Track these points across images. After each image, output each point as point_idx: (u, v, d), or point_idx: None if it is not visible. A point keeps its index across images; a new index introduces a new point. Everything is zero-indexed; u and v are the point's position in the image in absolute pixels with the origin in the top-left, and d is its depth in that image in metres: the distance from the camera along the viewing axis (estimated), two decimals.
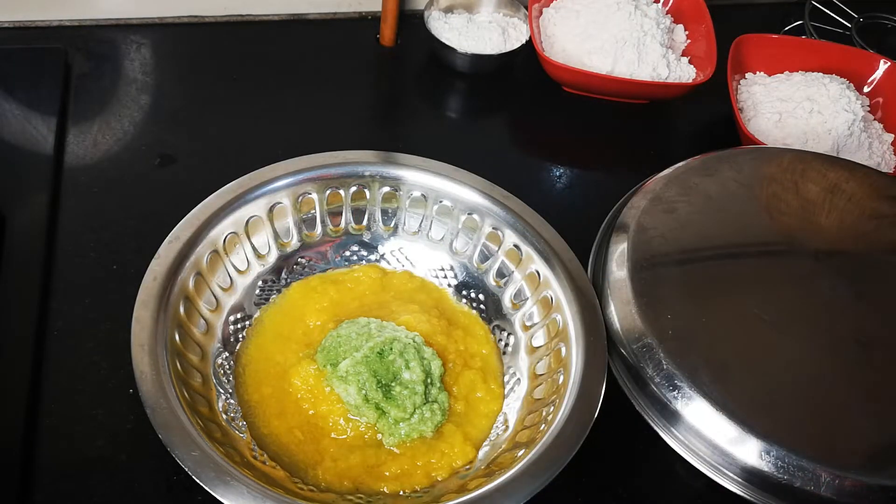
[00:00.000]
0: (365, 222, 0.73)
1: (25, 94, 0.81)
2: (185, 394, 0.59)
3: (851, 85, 0.89)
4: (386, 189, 0.73)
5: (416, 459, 0.61)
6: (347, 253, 0.73)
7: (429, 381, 0.63)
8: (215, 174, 0.70)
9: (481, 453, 0.63)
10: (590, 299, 0.66)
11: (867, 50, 0.95)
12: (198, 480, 0.54)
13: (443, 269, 0.73)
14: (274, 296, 0.70)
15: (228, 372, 0.65)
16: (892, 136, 0.89)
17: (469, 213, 0.72)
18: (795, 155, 0.79)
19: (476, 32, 0.90)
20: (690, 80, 0.89)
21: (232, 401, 0.63)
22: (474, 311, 0.71)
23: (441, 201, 0.72)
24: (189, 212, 0.67)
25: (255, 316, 0.68)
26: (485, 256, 0.72)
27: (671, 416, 0.62)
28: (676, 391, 0.61)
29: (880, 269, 0.71)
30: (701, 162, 0.77)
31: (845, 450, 0.60)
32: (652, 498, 0.65)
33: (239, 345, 0.66)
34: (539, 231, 0.70)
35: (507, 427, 0.64)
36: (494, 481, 0.56)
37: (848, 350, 0.65)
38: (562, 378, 0.63)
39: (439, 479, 0.61)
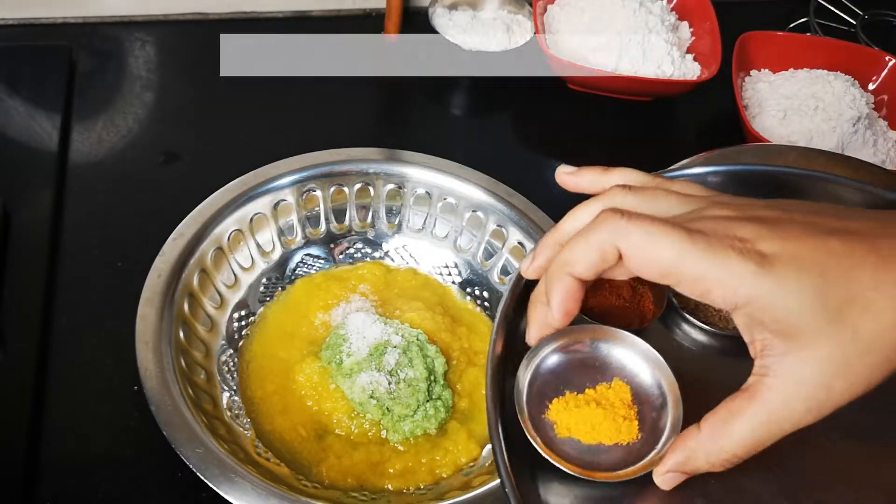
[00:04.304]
0: (369, 219, 0.73)
1: (30, 92, 0.81)
2: (190, 391, 0.59)
3: (856, 82, 0.88)
4: (390, 186, 0.73)
5: (421, 457, 0.61)
6: (351, 250, 0.73)
7: (432, 378, 0.63)
8: (219, 171, 0.70)
9: (485, 451, 0.63)
10: None
11: (872, 47, 0.95)
12: (202, 477, 0.54)
13: (447, 267, 0.73)
14: (278, 293, 0.70)
15: (232, 369, 0.65)
16: None
17: (473, 211, 0.72)
18: (800, 152, 0.78)
19: (480, 29, 0.90)
20: (695, 78, 0.89)
21: (236, 398, 0.63)
22: (478, 309, 0.71)
23: (445, 198, 0.72)
24: (193, 209, 0.67)
25: (259, 313, 0.68)
26: (489, 254, 0.72)
27: None
28: None
29: None
30: (705, 159, 0.76)
31: None
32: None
33: (243, 342, 0.66)
34: (543, 228, 0.70)
35: None
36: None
37: None
38: None
39: (443, 476, 0.61)
